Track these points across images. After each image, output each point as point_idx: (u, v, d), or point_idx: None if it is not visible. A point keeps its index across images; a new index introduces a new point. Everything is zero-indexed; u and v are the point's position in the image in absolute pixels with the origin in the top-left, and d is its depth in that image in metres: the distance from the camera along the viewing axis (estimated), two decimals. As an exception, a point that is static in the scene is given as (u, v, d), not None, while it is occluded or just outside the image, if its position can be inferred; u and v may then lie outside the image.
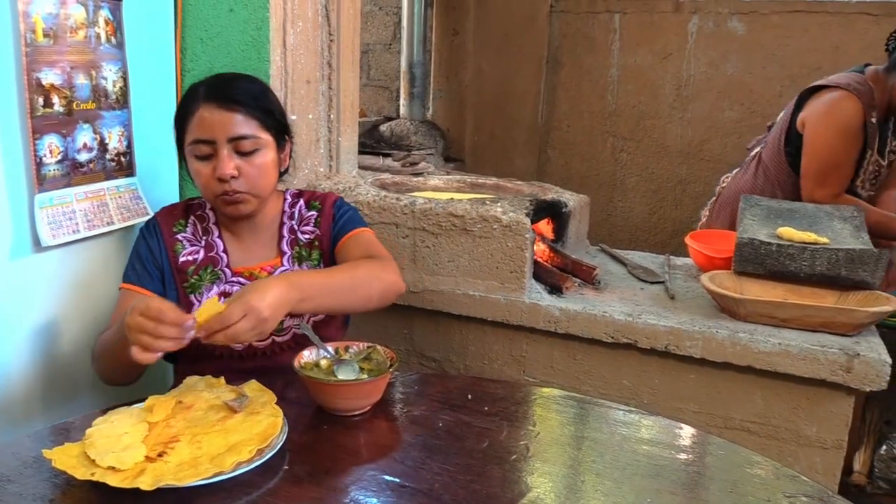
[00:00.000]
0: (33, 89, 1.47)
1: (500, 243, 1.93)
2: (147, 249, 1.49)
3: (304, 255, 1.55)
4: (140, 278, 1.47)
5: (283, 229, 1.56)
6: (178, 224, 1.52)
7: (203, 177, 1.41)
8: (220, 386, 1.25)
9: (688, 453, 1.22)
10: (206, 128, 1.39)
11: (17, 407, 1.56)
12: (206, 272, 1.49)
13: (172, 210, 1.55)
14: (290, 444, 1.13)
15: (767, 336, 1.72)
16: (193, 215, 1.54)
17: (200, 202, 1.57)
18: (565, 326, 1.88)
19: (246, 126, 1.41)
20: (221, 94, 1.41)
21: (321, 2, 2.06)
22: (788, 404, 1.73)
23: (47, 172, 1.52)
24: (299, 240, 1.55)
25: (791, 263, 1.82)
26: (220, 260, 1.50)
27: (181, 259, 1.49)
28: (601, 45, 3.99)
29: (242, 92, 1.43)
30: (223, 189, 1.41)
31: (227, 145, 1.40)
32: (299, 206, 1.58)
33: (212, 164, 1.40)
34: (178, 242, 1.50)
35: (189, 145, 1.43)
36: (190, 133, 1.42)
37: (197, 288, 1.48)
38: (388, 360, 1.32)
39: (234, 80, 1.47)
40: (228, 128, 1.39)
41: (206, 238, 1.52)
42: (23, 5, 1.43)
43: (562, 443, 1.24)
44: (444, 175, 2.60)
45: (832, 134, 2.33)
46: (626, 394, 1.88)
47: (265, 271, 1.51)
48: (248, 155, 1.42)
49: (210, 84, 1.45)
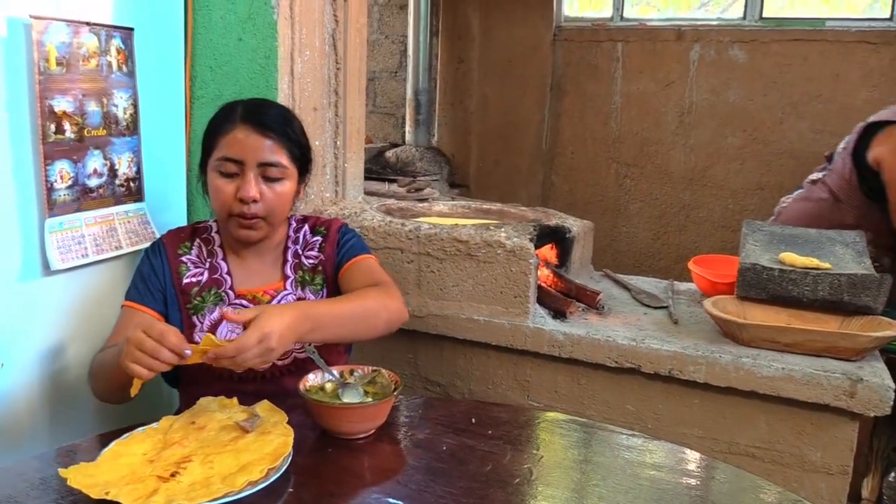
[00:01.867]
0: (46, 116, 1.50)
1: (504, 268, 1.94)
2: (150, 269, 1.50)
3: (307, 279, 1.56)
4: (142, 297, 1.48)
5: (287, 254, 1.57)
6: (184, 246, 1.54)
7: (224, 194, 1.43)
8: (233, 406, 1.27)
9: (692, 478, 1.22)
10: (238, 148, 1.42)
11: (23, 428, 1.57)
12: (209, 294, 1.50)
13: (179, 233, 1.57)
14: (295, 466, 1.14)
15: (771, 361, 1.72)
16: (199, 238, 1.56)
17: (207, 225, 1.59)
18: (569, 351, 1.89)
19: (276, 154, 1.44)
20: (259, 119, 1.44)
21: (328, 31, 2.10)
22: (793, 429, 1.73)
23: (58, 197, 1.55)
24: (303, 264, 1.57)
25: (794, 288, 1.82)
26: (224, 282, 1.52)
27: (185, 280, 1.50)
28: (604, 73, 4.04)
29: (279, 121, 1.47)
30: (241, 210, 1.43)
31: (256, 169, 1.43)
32: (304, 232, 1.60)
33: (235, 183, 1.43)
34: (183, 264, 1.52)
35: (216, 160, 1.44)
36: (220, 149, 1.44)
37: (200, 309, 1.49)
38: (393, 383, 1.33)
39: (272, 107, 1.51)
40: (260, 152, 1.43)
41: (210, 260, 1.53)
42: (37, 34, 1.47)
43: (565, 467, 1.25)
44: (449, 201, 2.63)
45: None
46: (630, 419, 1.88)
47: (268, 294, 1.53)
48: (271, 182, 1.45)
49: (248, 107, 1.47)
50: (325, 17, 2.08)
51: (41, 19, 1.47)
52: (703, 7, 4.09)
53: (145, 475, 1.04)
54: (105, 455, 1.10)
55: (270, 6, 1.88)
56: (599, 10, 4.21)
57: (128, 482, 1.02)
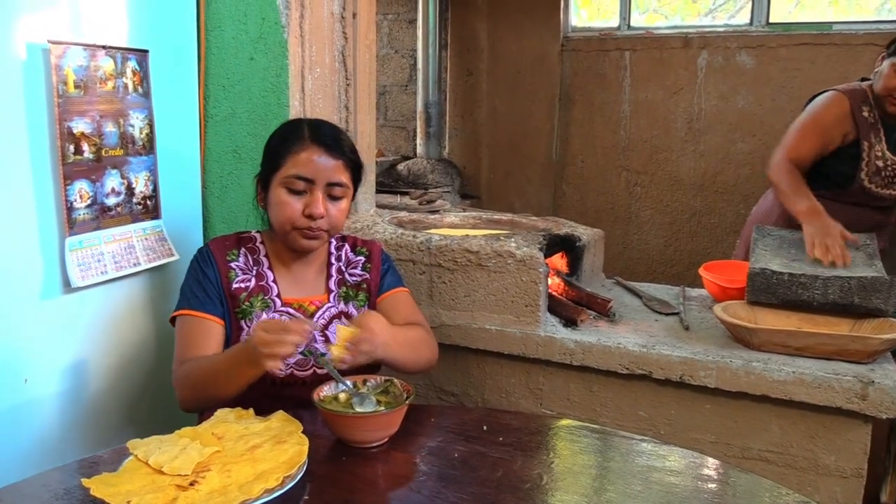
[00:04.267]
0: (65, 137, 1.54)
1: (515, 278, 1.97)
2: (205, 276, 1.53)
3: (351, 295, 1.63)
4: (203, 304, 1.51)
5: (331, 269, 1.64)
6: (231, 253, 1.57)
7: (292, 209, 1.49)
8: (249, 417, 1.30)
9: (706, 483, 1.23)
10: (311, 168, 1.49)
11: (46, 441, 1.60)
12: (256, 299, 1.54)
13: (224, 241, 1.60)
14: (311, 474, 1.16)
15: (782, 365, 1.73)
16: (244, 247, 1.60)
17: (251, 235, 1.63)
18: (581, 359, 1.91)
19: (342, 175, 1.52)
20: (329, 142, 1.52)
21: (338, 48, 2.14)
22: (805, 433, 1.74)
23: (77, 216, 1.59)
24: (346, 280, 1.64)
25: (804, 292, 1.83)
26: (271, 290, 1.56)
27: (234, 285, 1.54)
28: (612, 82, 4.06)
29: (346, 144, 1.55)
30: (307, 224, 1.49)
31: (324, 188, 1.50)
32: (345, 250, 1.68)
33: (303, 200, 1.49)
34: (232, 270, 1.55)
35: (285, 177, 1.49)
36: (289, 167, 1.49)
37: (248, 314, 1.53)
38: (405, 392, 1.35)
39: (336, 130, 1.58)
40: (330, 173, 1.50)
41: (256, 268, 1.58)
42: (55, 59, 1.51)
43: (575, 472, 1.26)
44: (461, 212, 2.65)
45: (805, 114, 2.55)
46: (643, 425, 1.89)
47: (314, 305, 1.58)
48: (334, 200, 1.52)
49: (314, 128, 1.54)
50: (335, 35, 2.12)
51: (59, 44, 1.52)
52: (710, 14, 4.11)
53: (165, 484, 1.07)
54: (126, 465, 1.13)
55: (281, 26, 1.92)
56: (607, 20, 4.24)
57: (148, 491, 1.04)
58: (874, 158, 2.45)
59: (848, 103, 2.46)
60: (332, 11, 2.09)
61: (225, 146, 2.02)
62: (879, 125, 2.45)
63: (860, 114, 2.45)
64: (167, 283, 1.87)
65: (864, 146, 2.45)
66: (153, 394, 1.86)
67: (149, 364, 1.85)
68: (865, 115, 2.46)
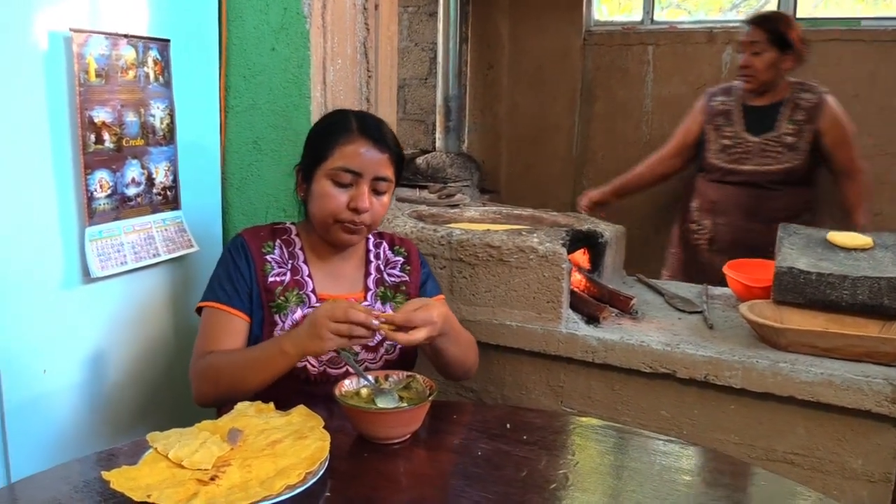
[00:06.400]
0: (86, 126, 1.53)
1: (537, 273, 1.94)
2: (236, 270, 1.51)
3: (389, 295, 1.60)
4: (231, 299, 1.49)
5: (369, 267, 1.62)
6: (267, 245, 1.55)
7: (336, 201, 1.47)
8: (269, 411, 1.28)
9: (730, 484, 1.20)
10: (359, 161, 1.47)
11: (65, 432, 1.60)
12: (291, 294, 1.52)
13: (258, 231, 1.58)
14: (332, 471, 1.15)
15: (809, 366, 1.69)
16: (279, 239, 1.57)
17: (286, 227, 1.60)
18: (603, 356, 1.88)
19: (388, 169, 1.51)
20: (377, 136, 1.50)
21: (359, 39, 2.11)
22: (832, 436, 1.70)
23: (97, 206, 1.58)
24: (385, 280, 1.62)
25: (832, 292, 1.79)
26: (306, 284, 1.54)
27: (270, 279, 1.51)
28: (635, 77, 4.01)
29: (392, 138, 1.54)
30: (351, 217, 1.47)
31: (370, 182, 1.48)
32: (384, 248, 1.66)
33: (348, 193, 1.47)
34: (268, 263, 1.53)
35: (332, 169, 1.47)
36: (336, 159, 1.47)
37: (283, 308, 1.50)
38: (428, 389, 1.33)
39: (382, 122, 1.56)
40: (377, 167, 1.48)
41: (291, 262, 1.55)
42: (77, 47, 1.50)
43: (601, 472, 1.24)
44: (481, 207, 2.63)
45: None
46: (666, 424, 1.86)
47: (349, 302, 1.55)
48: (378, 194, 1.51)
49: (361, 121, 1.52)
50: (357, 26, 2.10)
51: (81, 32, 1.51)
52: (735, 9, 4.05)
53: (185, 479, 1.06)
54: (146, 458, 1.12)
55: (303, 16, 1.90)
56: (629, 14, 4.19)
57: (168, 485, 1.03)
58: (719, 138, 2.77)
59: (704, 98, 2.89)
60: (355, 2, 2.07)
61: (245, 137, 2.01)
62: (734, 109, 2.78)
63: (710, 103, 2.85)
64: (186, 275, 1.86)
65: (707, 129, 2.82)
66: (172, 385, 1.85)
67: (168, 355, 1.84)
68: (716, 104, 2.83)
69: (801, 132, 2.65)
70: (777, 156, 2.66)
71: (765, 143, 2.68)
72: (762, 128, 2.70)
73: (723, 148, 2.74)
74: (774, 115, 2.70)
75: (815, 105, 2.67)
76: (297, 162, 1.59)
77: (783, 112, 2.69)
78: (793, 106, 2.68)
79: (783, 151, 2.66)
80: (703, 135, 2.85)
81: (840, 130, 2.68)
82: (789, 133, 2.66)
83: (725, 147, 2.74)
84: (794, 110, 2.68)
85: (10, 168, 1.44)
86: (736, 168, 2.72)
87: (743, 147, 2.71)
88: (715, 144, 2.77)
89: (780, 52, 2.64)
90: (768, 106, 2.72)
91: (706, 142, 2.81)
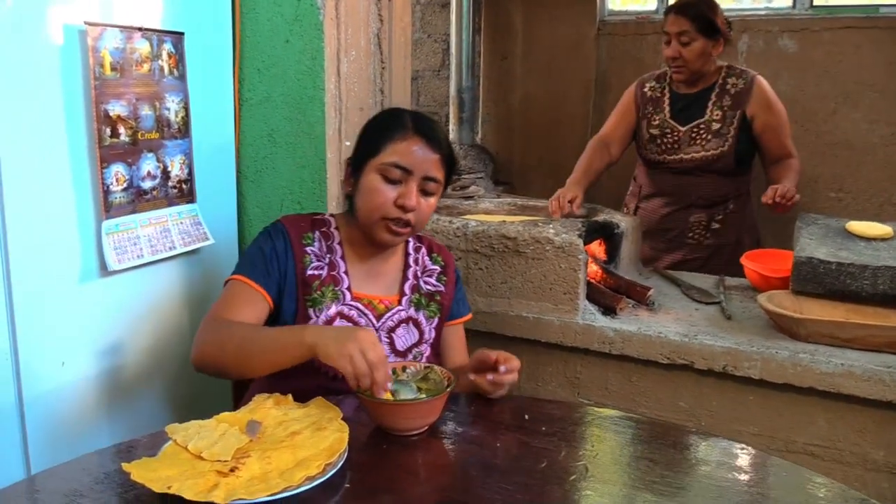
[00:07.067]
0: (101, 120, 1.53)
1: (553, 265, 1.93)
2: (272, 250, 1.48)
3: (423, 303, 1.58)
4: (260, 276, 1.46)
5: (408, 272, 1.59)
6: (307, 237, 1.52)
7: (382, 196, 1.44)
8: (288, 403, 1.28)
9: (750, 474, 1.19)
10: (411, 158, 1.44)
11: (83, 424, 1.61)
12: (328, 289, 1.49)
13: (299, 221, 1.55)
14: (351, 462, 1.14)
15: (829, 357, 1.68)
16: (319, 231, 1.55)
17: (325, 219, 1.58)
18: (620, 347, 1.87)
19: (439, 171, 1.48)
20: (432, 134, 1.47)
21: (373, 31, 2.11)
22: (853, 427, 1.69)
23: (114, 200, 1.58)
24: (420, 287, 1.59)
25: (852, 282, 1.77)
26: (342, 281, 1.51)
27: (308, 272, 1.49)
28: (649, 68, 3.94)
29: (445, 140, 1.51)
30: (398, 215, 1.44)
31: (420, 181, 1.46)
32: (422, 254, 1.63)
33: (397, 189, 1.45)
34: (307, 255, 1.50)
35: (383, 164, 1.45)
36: (388, 154, 1.45)
37: (318, 303, 1.48)
38: (446, 380, 1.33)
39: (436, 123, 1.53)
40: (428, 167, 1.46)
41: (329, 256, 1.52)
42: (92, 41, 1.50)
43: (621, 463, 1.23)
44: (495, 198, 2.62)
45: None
46: (684, 416, 1.85)
47: (384, 304, 1.53)
48: (427, 195, 1.48)
49: (416, 119, 1.50)
50: (370, 17, 2.09)
51: (96, 26, 1.51)
52: (750, -3, 4.01)
53: (205, 470, 1.06)
54: (166, 450, 1.12)
55: (316, 7, 1.89)
56: (643, 4, 4.16)
57: (188, 477, 1.03)
58: (648, 128, 2.69)
59: (634, 86, 2.78)
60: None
61: (260, 130, 2.00)
62: (665, 97, 2.68)
63: (641, 90, 2.75)
64: (203, 267, 1.86)
65: (638, 117, 2.73)
66: (190, 377, 1.85)
67: (185, 347, 1.84)
68: (646, 90, 2.74)
69: (728, 118, 2.56)
70: (704, 143, 2.57)
71: (693, 131, 2.59)
72: (691, 116, 2.61)
73: (651, 138, 2.67)
74: (703, 102, 2.61)
75: (743, 90, 2.57)
76: (312, 154, 1.57)
77: (711, 98, 2.60)
78: (721, 92, 2.60)
79: (710, 139, 2.57)
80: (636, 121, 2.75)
81: (770, 115, 2.57)
82: (716, 119, 2.57)
83: (653, 137, 2.66)
84: (721, 96, 2.59)
85: (28, 163, 1.44)
86: (665, 158, 2.65)
87: (671, 137, 2.63)
88: (645, 135, 2.69)
89: (709, 38, 2.52)
90: (697, 93, 2.63)
91: (640, 130, 2.73)
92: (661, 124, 2.65)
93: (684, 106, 2.63)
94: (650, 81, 2.75)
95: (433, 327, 1.58)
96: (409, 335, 1.54)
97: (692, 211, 2.64)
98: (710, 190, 2.62)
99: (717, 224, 2.64)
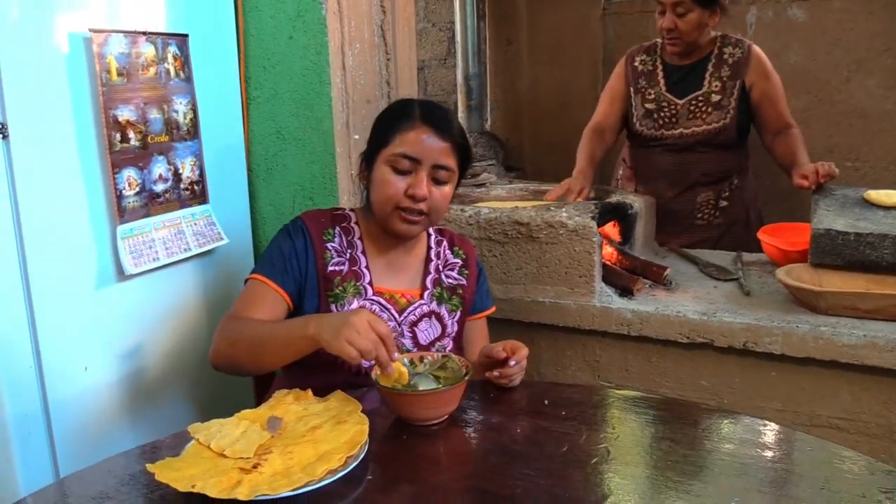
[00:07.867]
0: (111, 126, 1.54)
1: (568, 248, 1.92)
2: (292, 249, 1.49)
3: (444, 297, 1.58)
4: (279, 275, 1.47)
5: (429, 266, 1.59)
6: (328, 233, 1.53)
7: (393, 187, 1.45)
8: (308, 398, 1.29)
9: (774, 451, 1.19)
10: (419, 148, 1.45)
11: (107, 427, 1.63)
12: (349, 285, 1.50)
13: (319, 217, 1.56)
14: (371, 454, 1.15)
15: (851, 329, 1.66)
16: (339, 226, 1.55)
17: (345, 214, 1.58)
18: (638, 328, 1.86)
19: (450, 159, 1.48)
20: (440, 123, 1.47)
21: (376, 22, 2.10)
22: (878, 399, 1.67)
23: (127, 204, 1.59)
24: (442, 281, 1.59)
25: (872, 252, 1.75)
26: (363, 276, 1.52)
27: (329, 268, 1.49)
28: (658, 45, 3.94)
29: (456, 127, 1.50)
30: (409, 205, 1.45)
31: (429, 170, 1.46)
32: (444, 248, 1.63)
33: (407, 180, 1.45)
34: (328, 251, 1.51)
35: (391, 155, 1.45)
36: (397, 145, 1.45)
37: (340, 299, 1.49)
38: (464, 368, 1.33)
39: (447, 112, 1.53)
40: (437, 155, 1.46)
41: (350, 251, 1.53)
42: (97, 47, 1.51)
43: (643, 444, 1.23)
44: (507, 184, 2.61)
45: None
46: (706, 394, 1.84)
47: (405, 298, 1.54)
48: (439, 183, 1.48)
49: (425, 108, 1.50)
50: (373, 9, 2.08)
51: (100, 32, 1.51)
52: (758, -32, 3.95)
53: (228, 468, 1.07)
54: (189, 450, 1.13)
55: (318, 2, 1.89)
56: (649, -19, 4.11)
57: (212, 475, 1.04)
58: (643, 102, 2.60)
59: (624, 60, 2.69)
60: (370, -15, 2.05)
61: (268, 128, 2.01)
62: (658, 70, 2.60)
63: (631, 65, 2.65)
64: (218, 267, 1.87)
65: (631, 92, 2.63)
66: (210, 376, 1.86)
67: (204, 347, 1.85)
68: (637, 64, 2.65)
69: (728, 89, 2.49)
70: (705, 116, 2.50)
71: (691, 104, 2.52)
72: (688, 88, 2.54)
73: (647, 113, 2.58)
74: (700, 74, 2.53)
75: (740, 59, 2.50)
76: (321, 149, 1.57)
77: (708, 69, 2.53)
78: (717, 62, 2.52)
79: (710, 111, 2.50)
80: (629, 98, 2.65)
81: (768, 84, 2.50)
82: (715, 91, 2.50)
83: (649, 112, 2.57)
84: (719, 67, 2.51)
85: (41, 171, 1.45)
86: (663, 134, 2.56)
87: (669, 111, 2.55)
88: (639, 110, 2.60)
89: (705, 8, 2.45)
90: (692, 64, 2.55)
91: (631, 107, 2.63)
92: (657, 98, 2.57)
93: (679, 78, 2.56)
94: (640, 55, 2.65)
95: (455, 321, 1.58)
96: (432, 329, 1.54)
97: (698, 190, 2.57)
98: (713, 166, 2.56)
99: (724, 202, 2.58)
